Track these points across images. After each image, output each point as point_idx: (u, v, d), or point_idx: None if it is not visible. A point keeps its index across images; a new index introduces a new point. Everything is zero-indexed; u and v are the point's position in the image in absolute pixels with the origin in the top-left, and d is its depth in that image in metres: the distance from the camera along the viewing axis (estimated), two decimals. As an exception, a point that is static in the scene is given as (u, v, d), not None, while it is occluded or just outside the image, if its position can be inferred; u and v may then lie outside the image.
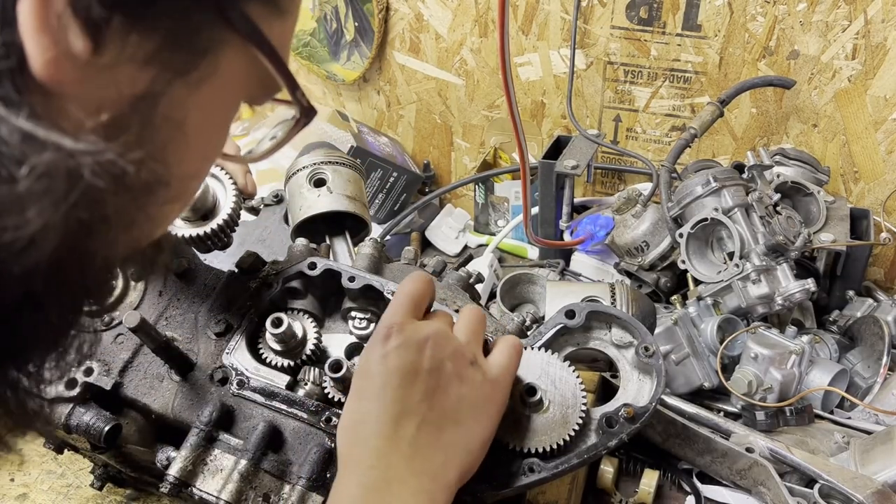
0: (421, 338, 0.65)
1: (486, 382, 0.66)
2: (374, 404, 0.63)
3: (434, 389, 0.63)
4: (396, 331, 0.65)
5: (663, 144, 1.44)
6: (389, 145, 1.60)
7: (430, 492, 0.61)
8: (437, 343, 0.65)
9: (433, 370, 0.64)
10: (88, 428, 0.76)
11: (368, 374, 0.64)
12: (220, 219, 0.81)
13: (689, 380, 1.07)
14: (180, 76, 0.39)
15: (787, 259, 1.10)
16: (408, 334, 0.65)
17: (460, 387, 0.64)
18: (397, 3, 1.51)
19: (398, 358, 0.64)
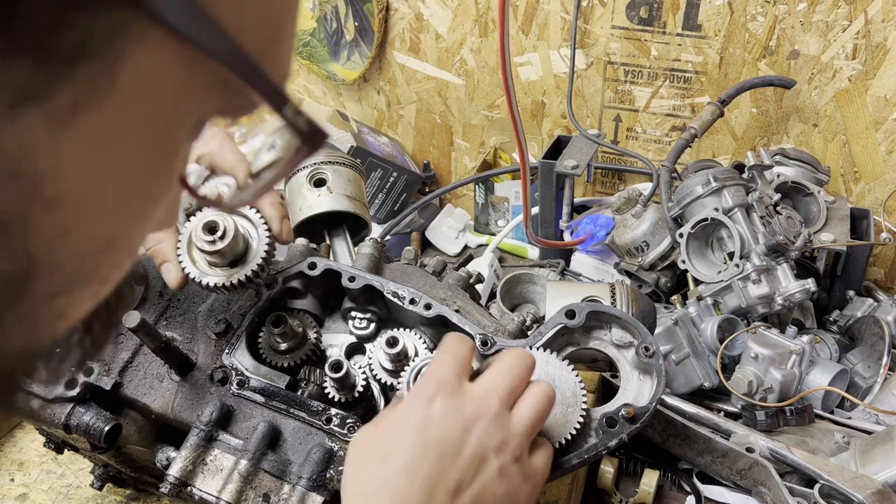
0: (471, 414, 0.56)
1: (525, 484, 0.58)
2: (401, 475, 0.54)
3: (470, 483, 0.55)
4: (447, 393, 0.56)
5: (663, 144, 1.44)
6: (389, 145, 1.60)
7: None
8: (490, 426, 0.56)
9: (475, 459, 0.55)
10: (88, 428, 0.76)
11: (403, 435, 0.55)
12: (250, 268, 0.73)
13: (689, 380, 1.07)
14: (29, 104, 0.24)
15: (788, 259, 1.10)
16: (459, 403, 0.56)
17: (498, 485, 0.56)
18: (397, 3, 1.51)
19: (442, 430, 0.55)
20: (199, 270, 0.73)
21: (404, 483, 0.54)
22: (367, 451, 0.57)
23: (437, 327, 0.81)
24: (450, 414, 0.56)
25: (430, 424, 0.55)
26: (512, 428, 0.58)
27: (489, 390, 0.59)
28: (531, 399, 0.61)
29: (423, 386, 0.58)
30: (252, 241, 0.75)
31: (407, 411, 0.57)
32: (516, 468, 0.58)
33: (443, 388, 0.57)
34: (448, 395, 0.56)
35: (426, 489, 0.54)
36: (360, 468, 0.57)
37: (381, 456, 0.56)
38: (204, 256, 0.73)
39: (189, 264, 0.72)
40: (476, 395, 0.58)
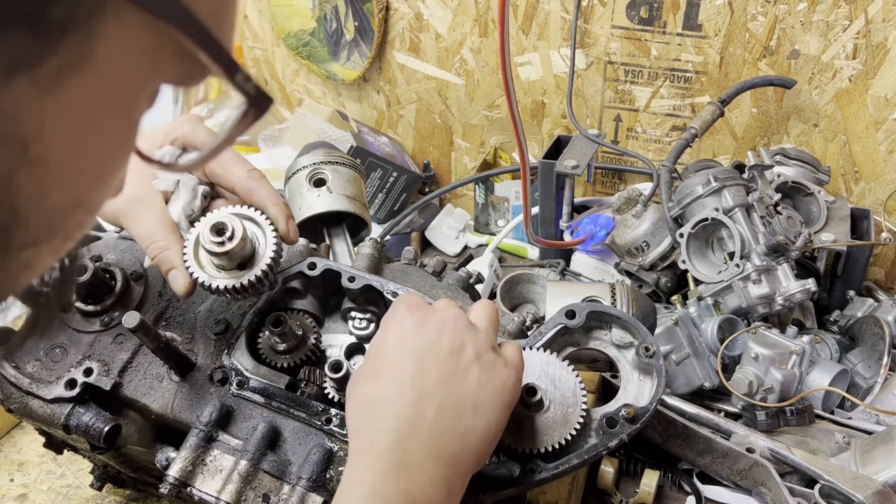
0: (440, 318, 0.63)
1: (506, 368, 0.64)
2: (391, 385, 0.60)
3: (453, 372, 0.61)
4: (414, 309, 0.63)
5: (664, 144, 1.44)
6: (389, 145, 1.60)
7: (448, 478, 0.59)
8: (457, 325, 0.63)
9: (453, 353, 0.62)
10: (88, 428, 0.76)
11: (386, 353, 0.62)
12: (259, 269, 0.72)
13: (689, 380, 1.07)
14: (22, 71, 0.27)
15: (788, 259, 1.10)
16: (426, 314, 0.63)
17: (480, 372, 0.62)
18: (397, 3, 1.51)
19: (418, 337, 0.62)
20: (208, 274, 0.72)
21: (395, 390, 0.60)
22: (360, 381, 0.63)
23: (437, 327, 0.81)
24: (421, 324, 0.63)
25: (406, 337, 0.62)
26: (476, 325, 0.66)
27: (447, 304, 0.67)
28: (481, 305, 0.70)
29: (394, 310, 0.64)
30: (258, 243, 0.74)
31: (385, 335, 0.64)
32: (493, 355, 0.64)
33: (408, 306, 0.64)
34: (414, 310, 0.63)
35: (416, 388, 0.60)
36: (357, 397, 0.62)
37: (371, 378, 0.62)
38: (212, 260, 0.72)
39: (197, 269, 0.71)
40: (438, 307, 0.65)
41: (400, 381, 0.60)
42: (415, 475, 0.57)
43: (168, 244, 0.71)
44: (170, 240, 0.71)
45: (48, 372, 0.79)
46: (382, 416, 0.59)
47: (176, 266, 0.72)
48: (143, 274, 0.85)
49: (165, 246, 0.71)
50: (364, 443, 0.59)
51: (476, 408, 0.61)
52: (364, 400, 0.62)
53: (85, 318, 0.82)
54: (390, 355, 0.62)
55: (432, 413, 0.59)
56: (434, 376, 0.60)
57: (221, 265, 0.73)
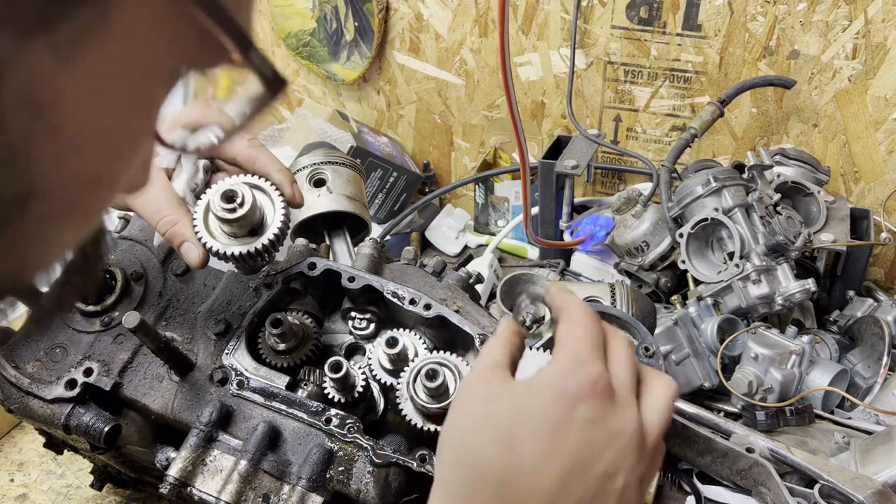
0: (618, 426, 0.50)
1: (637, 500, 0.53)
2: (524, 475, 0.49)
3: (590, 499, 0.49)
4: (596, 399, 0.50)
5: (663, 144, 1.44)
6: (389, 145, 1.60)
7: None
8: (628, 445, 0.50)
9: (606, 476, 0.50)
10: (88, 428, 0.76)
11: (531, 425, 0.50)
12: (270, 234, 0.73)
13: (689, 380, 1.07)
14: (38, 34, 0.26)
15: (788, 259, 1.10)
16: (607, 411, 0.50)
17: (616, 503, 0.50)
18: (397, 3, 1.51)
19: (581, 441, 0.49)
20: (221, 243, 0.72)
21: (528, 482, 0.49)
22: (486, 430, 0.51)
23: (436, 327, 0.81)
24: (594, 424, 0.50)
25: (570, 429, 0.50)
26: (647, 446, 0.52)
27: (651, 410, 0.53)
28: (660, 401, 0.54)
29: (573, 376, 0.51)
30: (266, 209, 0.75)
31: (542, 403, 0.51)
32: (636, 490, 0.52)
33: (593, 391, 0.50)
34: (596, 401, 0.50)
35: (550, 495, 0.49)
36: (475, 446, 0.51)
37: (505, 445, 0.50)
38: (222, 228, 0.73)
39: (209, 238, 0.72)
40: (627, 410, 0.52)
41: (538, 475, 0.49)
42: None
43: (177, 218, 0.71)
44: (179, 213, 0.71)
45: (48, 372, 0.79)
46: (490, 495, 0.49)
47: (188, 238, 0.72)
48: (143, 274, 0.85)
49: (175, 220, 0.71)
50: (451, 493, 0.51)
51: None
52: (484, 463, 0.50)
53: (85, 318, 0.82)
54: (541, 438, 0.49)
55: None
56: (572, 494, 0.49)
57: (233, 233, 0.73)
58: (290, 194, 0.76)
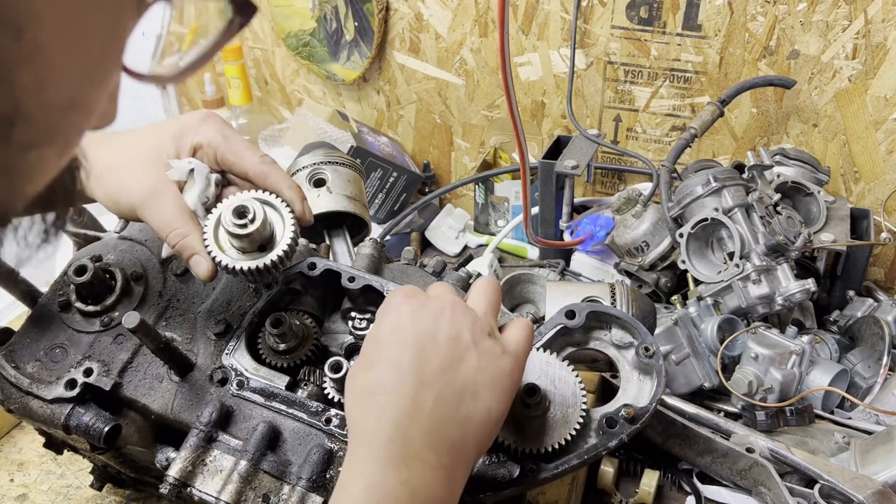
0: (437, 306, 0.63)
1: (504, 355, 0.63)
2: (389, 374, 0.60)
3: (452, 360, 0.60)
4: (410, 297, 0.63)
5: (663, 144, 1.44)
6: (389, 145, 1.60)
7: (449, 467, 0.58)
8: (455, 312, 0.62)
9: (451, 339, 0.61)
10: (88, 428, 0.76)
11: (382, 343, 0.62)
12: (279, 251, 0.74)
13: (689, 380, 1.07)
14: None
15: (788, 259, 1.10)
16: (423, 301, 0.63)
17: (479, 358, 0.61)
18: (397, 3, 1.51)
19: (415, 325, 0.61)
20: (230, 258, 0.73)
21: (393, 379, 0.59)
22: (358, 372, 0.62)
23: (436, 328, 0.81)
24: (417, 312, 0.62)
25: (402, 325, 0.61)
26: (475, 309, 0.65)
27: (443, 290, 0.66)
28: (480, 286, 0.68)
29: (390, 300, 0.63)
30: (276, 225, 0.75)
31: (379, 326, 0.63)
32: (491, 342, 0.63)
33: (404, 295, 0.63)
34: (410, 299, 0.62)
35: (414, 376, 0.59)
36: (354, 388, 0.62)
37: (368, 368, 0.61)
38: (232, 243, 0.73)
39: (219, 252, 0.72)
40: (434, 294, 0.65)
41: (398, 370, 0.60)
42: (415, 465, 0.57)
43: (188, 231, 0.72)
44: (189, 227, 0.72)
45: (48, 372, 0.79)
46: (381, 405, 0.59)
47: (198, 251, 0.73)
48: (143, 274, 0.85)
49: (185, 233, 0.71)
50: (362, 434, 0.59)
51: (475, 395, 0.60)
52: (361, 390, 0.61)
53: (85, 318, 0.82)
54: (387, 344, 0.61)
55: (431, 401, 0.59)
56: (432, 364, 0.60)
57: (243, 248, 0.74)
58: (300, 212, 0.77)
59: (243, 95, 1.68)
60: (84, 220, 0.93)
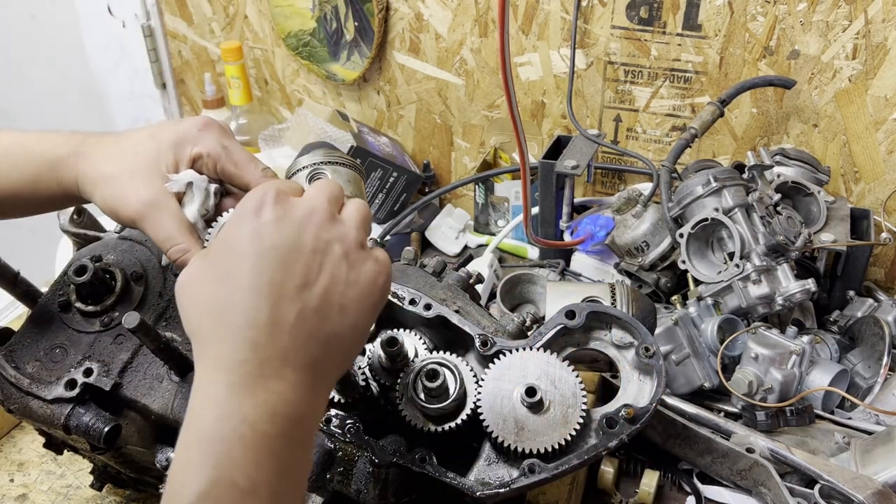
0: (304, 211, 0.57)
1: (374, 266, 0.60)
2: (247, 289, 0.54)
3: (318, 272, 0.56)
4: (273, 201, 0.57)
5: (663, 144, 1.44)
6: (389, 145, 1.60)
7: (310, 384, 0.55)
8: (323, 219, 0.58)
9: (317, 250, 0.56)
10: (88, 428, 0.76)
11: (236, 252, 0.55)
12: None
13: (689, 380, 1.07)
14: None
15: (788, 259, 1.10)
16: (287, 208, 0.57)
17: (348, 271, 0.57)
18: (397, 3, 1.51)
19: (276, 234, 0.55)
20: None
21: (250, 294, 0.54)
22: (204, 278, 0.56)
23: (436, 328, 0.81)
24: (281, 219, 0.56)
25: (263, 232, 0.55)
26: (345, 222, 0.60)
27: (314, 195, 0.60)
28: (353, 204, 0.63)
29: (247, 201, 0.57)
30: None
31: (235, 229, 0.57)
32: (363, 253, 0.59)
33: (267, 197, 0.57)
34: (274, 202, 0.56)
35: (274, 293, 0.54)
36: (200, 297, 0.56)
37: (219, 278, 0.55)
38: None
39: None
40: (303, 200, 0.59)
41: (257, 284, 0.54)
42: (273, 384, 0.52)
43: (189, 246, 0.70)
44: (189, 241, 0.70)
45: (48, 372, 0.79)
46: (236, 324, 0.53)
47: None
48: (143, 274, 0.85)
49: (187, 248, 0.70)
50: (213, 355, 0.54)
51: (342, 309, 0.57)
52: (213, 304, 0.55)
53: (85, 318, 0.82)
54: (245, 254, 0.55)
55: (293, 317, 0.54)
56: (295, 277, 0.55)
57: None
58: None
59: (243, 95, 1.68)
60: (84, 219, 0.93)
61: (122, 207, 0.70)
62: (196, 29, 1.83)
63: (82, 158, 0.71)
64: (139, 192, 0.70)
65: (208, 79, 1.77)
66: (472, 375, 0.74)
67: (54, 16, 2.01)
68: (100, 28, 1.92)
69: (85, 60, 2.01)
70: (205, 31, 1.82)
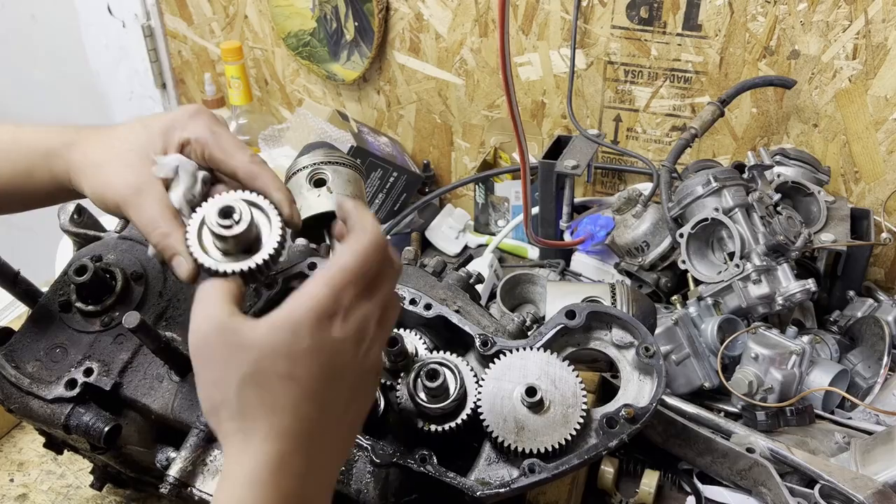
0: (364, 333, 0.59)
1: (378, 364, 0.63)
2: (307, 401, 0.57)
3: (356, 391, 0.60)
4: (346, 314, 0.57)
5: (664, 144, 1.44)
6: (389, 145, 1.60)
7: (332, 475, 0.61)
8: (375, 340, 0.60)
9: (365, 371, 0.60)
10: (88, 428, 0.76)
11: (294, 362, 0.56)
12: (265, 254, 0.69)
13: (689, 380, 1.07)
14: None
15: (788, 259, 1.10)
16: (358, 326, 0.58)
17: (375, 380, 0.62)
18: (397, 3, 1.51)
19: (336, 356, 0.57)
20: (214, 259, 0.69)
21: (313, 407, 0.57)
22: (269, 362, 0.57)
23: (437, 328, 0.81)
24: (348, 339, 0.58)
25: (323, 352, 0.57)
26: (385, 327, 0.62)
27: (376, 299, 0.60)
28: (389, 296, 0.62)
29: (318, 300, 0.57)
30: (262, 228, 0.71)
31: (297, 332, 0.57)
32: (378, 356, 0.62)
33: (341, 303, 0.58)
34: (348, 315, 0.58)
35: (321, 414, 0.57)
36: (264, 377, 0.57)
37: (285, 375, 0.56)
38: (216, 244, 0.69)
39: (201, 254, 0.68)
40: (368, 308, 0.60)
41: (320, 400, 0.58)
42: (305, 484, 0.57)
43: (170, 230, 0.69)
44: (172, 226, 0.69)
45: (48, 372, 0.79)
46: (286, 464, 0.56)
47: (179, 252, 0.69)
48: (143, 274, 0.85)
49: (168, 232, 0.69)
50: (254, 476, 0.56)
51: (360, 413, 0.62)
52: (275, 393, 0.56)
53: (85, 318, 0.82)
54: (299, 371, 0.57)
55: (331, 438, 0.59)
56: (341, 398, 0.59)
57: (226, 250, 0.69)
58: (288, 214, 0.73)
59: (243, 95, 1.68)
60: (84, 219, 0.93)
61: (110, 194, 0.69)
62: (196, 29, 1.83)
63: (74, 148, 0.71)
64: (126, 177, 0.69)
65: (208, 79, 1.77)
66: (472, 375, 0.74)
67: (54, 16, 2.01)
68: (100, 28, 1.92)
69: (85, 60, 2.01)
70: (205, 31, 1.82)
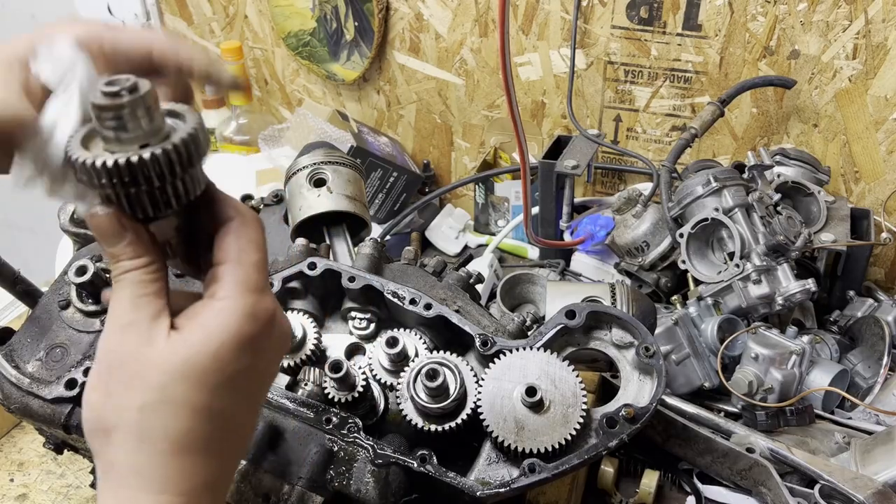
0: (285, 341, 0.56)
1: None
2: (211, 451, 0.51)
3: (259, 404, 0.57)
4: (276, 324, 0.53)
5: (664, 144, 1.44)
6: (389, 145, 1.60)
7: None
8: (283, 348, 0.56)
9: (268, 385, 0.57)
10: (88, 428, 0.76)
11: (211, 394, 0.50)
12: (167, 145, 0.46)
13: (689, 380, 1.07)
14: None
15: (788, 259, 1.10)
16: (284, 335, 0.55)
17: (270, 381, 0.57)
18: (397, 3, 1.51)
19: (271, 365, 0.56)
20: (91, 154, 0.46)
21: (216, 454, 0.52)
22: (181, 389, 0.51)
23: (437, 328, 0.81)
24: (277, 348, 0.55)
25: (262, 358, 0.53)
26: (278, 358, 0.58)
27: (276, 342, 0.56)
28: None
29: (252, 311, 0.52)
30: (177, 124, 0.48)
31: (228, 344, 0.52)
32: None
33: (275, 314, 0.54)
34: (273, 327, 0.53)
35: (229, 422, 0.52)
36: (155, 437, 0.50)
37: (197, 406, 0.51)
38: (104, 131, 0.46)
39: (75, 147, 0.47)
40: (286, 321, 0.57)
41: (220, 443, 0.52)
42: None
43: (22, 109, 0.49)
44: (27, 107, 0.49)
45: (48, 372, 0.79)
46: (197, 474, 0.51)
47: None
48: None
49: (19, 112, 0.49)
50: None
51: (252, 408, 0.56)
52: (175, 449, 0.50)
53: (85, 318, 0.82)
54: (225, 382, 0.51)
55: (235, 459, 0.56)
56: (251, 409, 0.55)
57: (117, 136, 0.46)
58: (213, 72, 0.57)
59: (243, 95, 1.68)
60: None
61: None
62: (196, 29, 1.83)
63: None
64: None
65: (208, 79, 1.76)
66: (472, 375, 0.74)
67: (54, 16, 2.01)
68: (100, 28, 1.92)
69: (85, 60, 2.00)
70: (205, 31, 1.82)
